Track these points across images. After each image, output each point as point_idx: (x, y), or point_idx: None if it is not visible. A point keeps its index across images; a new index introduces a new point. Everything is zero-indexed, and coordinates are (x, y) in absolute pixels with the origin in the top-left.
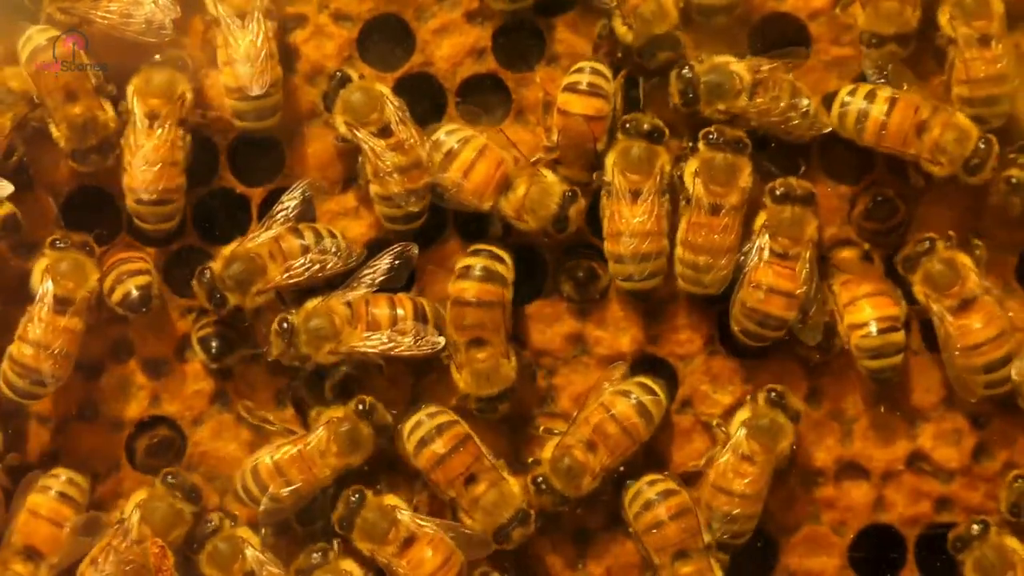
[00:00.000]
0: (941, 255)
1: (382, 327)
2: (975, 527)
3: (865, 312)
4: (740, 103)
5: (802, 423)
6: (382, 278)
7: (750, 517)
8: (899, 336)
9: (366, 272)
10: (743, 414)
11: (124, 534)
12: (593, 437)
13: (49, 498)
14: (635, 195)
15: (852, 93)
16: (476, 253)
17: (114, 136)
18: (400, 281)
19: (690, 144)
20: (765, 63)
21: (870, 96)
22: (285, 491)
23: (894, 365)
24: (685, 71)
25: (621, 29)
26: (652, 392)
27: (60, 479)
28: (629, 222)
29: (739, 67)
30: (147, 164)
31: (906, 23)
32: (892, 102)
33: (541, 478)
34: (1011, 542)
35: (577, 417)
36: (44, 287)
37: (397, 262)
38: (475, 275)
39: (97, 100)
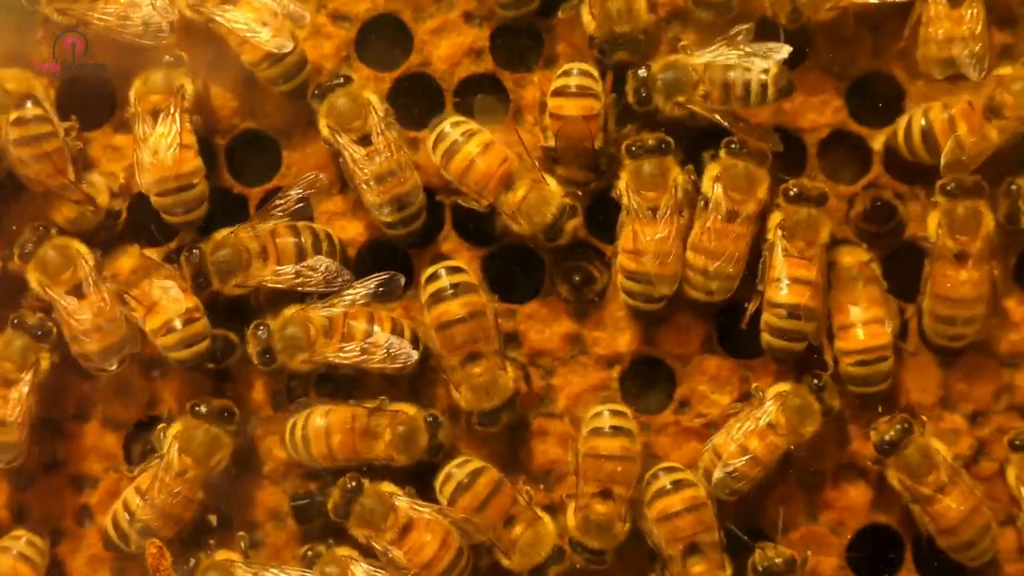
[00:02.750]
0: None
1: (356, 340)
2: (900, 426)
3: (856, 340)
4: (699, 94)
5: None
6: (363, 302)
7: (750, 479)
8: (887, 365)
9: (348, 293)
10: (782, 387)
11: (167, 467)
12: (601, 485)
13: (11, 557)
14: (652, 212)
15: (908, 127)
16: (435, 277)
17: (114, 203)
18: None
19: (712, 152)
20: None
21: (926, 118)
22: (322, 450)
23: (879, 392)
24: (641, 71)
25: (587, 18)
26: (618, 413)
27: (20, 541)
28: (650, 240)
29: (693, 60)
30: (155, 153)
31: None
32: (951, 117)
33: (578, 546)
34: (936, 443)
35: (577, 478)
36: (51, 295)
37: (382, 289)
38: (448, 294)
39: (79, 193)
